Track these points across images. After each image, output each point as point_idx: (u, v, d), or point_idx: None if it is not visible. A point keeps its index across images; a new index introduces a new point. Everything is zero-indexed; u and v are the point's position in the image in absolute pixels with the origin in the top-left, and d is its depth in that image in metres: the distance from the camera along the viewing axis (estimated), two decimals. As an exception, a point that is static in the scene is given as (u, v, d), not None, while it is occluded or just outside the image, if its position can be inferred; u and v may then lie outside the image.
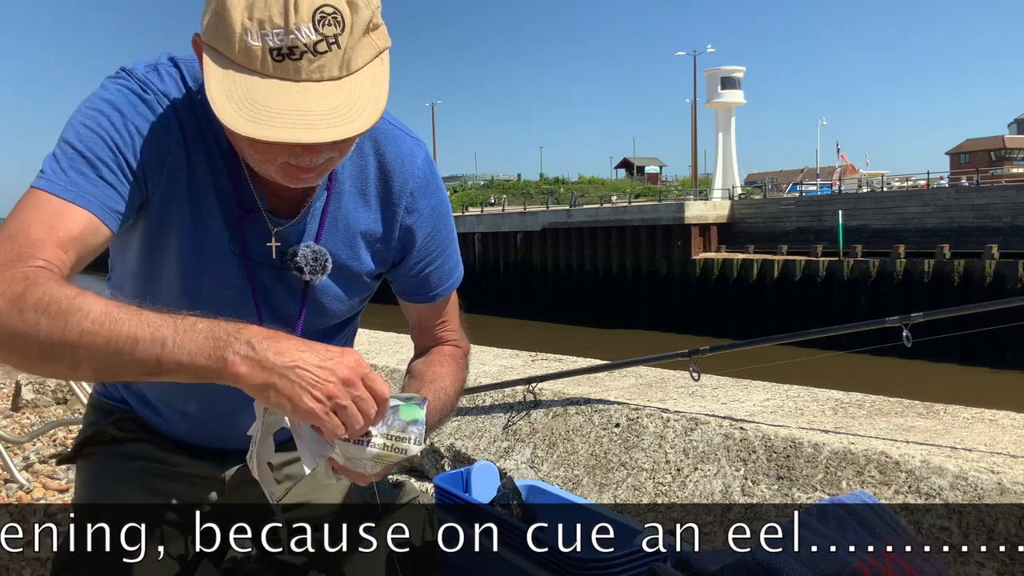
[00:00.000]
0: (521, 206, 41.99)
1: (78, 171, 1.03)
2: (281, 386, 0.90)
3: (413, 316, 1.38)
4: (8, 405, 4.18)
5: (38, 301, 0.90)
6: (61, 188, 1.01)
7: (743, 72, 50.14)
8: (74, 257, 1.00)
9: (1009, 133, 64.20)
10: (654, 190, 55.82)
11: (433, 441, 2.53)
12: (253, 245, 1.18)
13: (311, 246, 1.18)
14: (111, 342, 0.89)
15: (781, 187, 45.84)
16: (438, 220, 1.30)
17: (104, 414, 1.38)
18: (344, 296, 1.27)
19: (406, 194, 1.25)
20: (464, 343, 1.42)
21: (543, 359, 3.18)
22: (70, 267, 0.99)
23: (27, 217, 0.99)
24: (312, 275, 1.19)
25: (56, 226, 0.99)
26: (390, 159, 1.24)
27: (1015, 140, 61.04)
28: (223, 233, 1.16)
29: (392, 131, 1.25)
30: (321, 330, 1.30)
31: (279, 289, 1.22)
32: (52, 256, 0.97)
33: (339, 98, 0.97)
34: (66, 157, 1.03)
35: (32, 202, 1.01)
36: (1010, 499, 1.51)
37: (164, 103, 1.10)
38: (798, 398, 2.31)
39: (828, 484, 1.73)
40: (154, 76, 1.12)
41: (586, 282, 30.84)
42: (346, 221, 1.22)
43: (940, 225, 24.52)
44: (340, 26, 0.96)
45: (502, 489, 1.50)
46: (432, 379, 1.27)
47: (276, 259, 1.18)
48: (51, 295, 0.90)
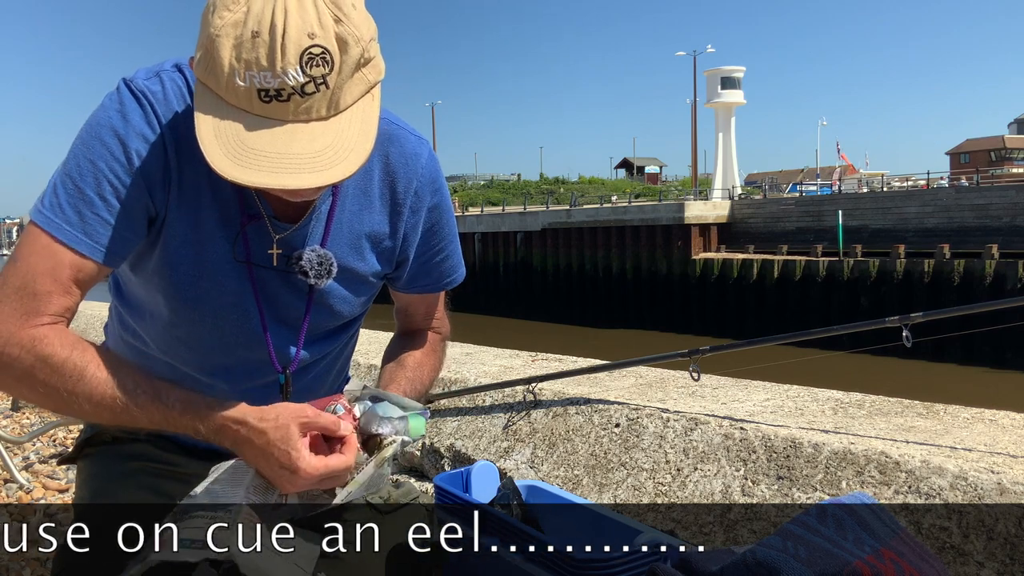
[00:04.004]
0: (521, 206, 41.97)
1: (76, 210, 1.06)
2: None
3: (402, 300, 1.41)
4: (8, 405, 4.18)
5: (48, 378, 1.03)
6: (64, 232, 1.06)
7: (743, 72, 50.16)
8: (77, 296, 1.09)
9: (1009, 133, 64.20)
10: (654, 190, 55.82)
11: (433, 441, 2.54)
12: (257, 251, 1.18)
13: (316, 250, 1.19)
14: (114, 420, 1.06)
15: (781, 187, 45.83)
16: (441, 217, 1.32)
17: (104, 414, 1.38)
18: (350, 297, 1.28)
19: (411, 194, 1.26)
20: (445, 327, 1.46)
21: (543, 359, 3.18)
22: (76, 304, 1.09)
23: (31, 267, 1.06)
24: (317, 279, 1.19)
25: (59, 276, 1.06)
26: (394, 161, 1.25)
27: (1015, 140, 61.04)
28: (227, 239, 1.16)
29: (395, 131, 1.25)
30: (326, 332, 1.31)
31: (284, 293, 1.22)
32: (58, 307, 1.06)
33: (326, 140, 0.98)
34: (66, 192, 1.07)
35: (35, 248, 1.06)
36: (1010, 499, 1.51)
37: (164, 112, 1.11)
38: (798, 398, 2.31)
39: (828, 484, 1.73)
40: (155, 84, 1.12)
41: (586, 282, 30.84)
42: (350, 224, 1.23)
43: (940, 225, 24.53)
44: (329, 66, 0.96)
45: (502, 489, 1.50)
46: (415, 367, 1.35)
47: (280, 264, 1.19)
48: (58, 376, 1.03)
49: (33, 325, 1.03)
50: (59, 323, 1.06)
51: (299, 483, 1.05)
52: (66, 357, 1.03)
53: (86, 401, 1.03)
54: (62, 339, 1.04)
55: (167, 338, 1.24)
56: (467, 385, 2.67)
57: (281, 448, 1.04)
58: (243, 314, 1.21)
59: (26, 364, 1.02)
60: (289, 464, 1.04)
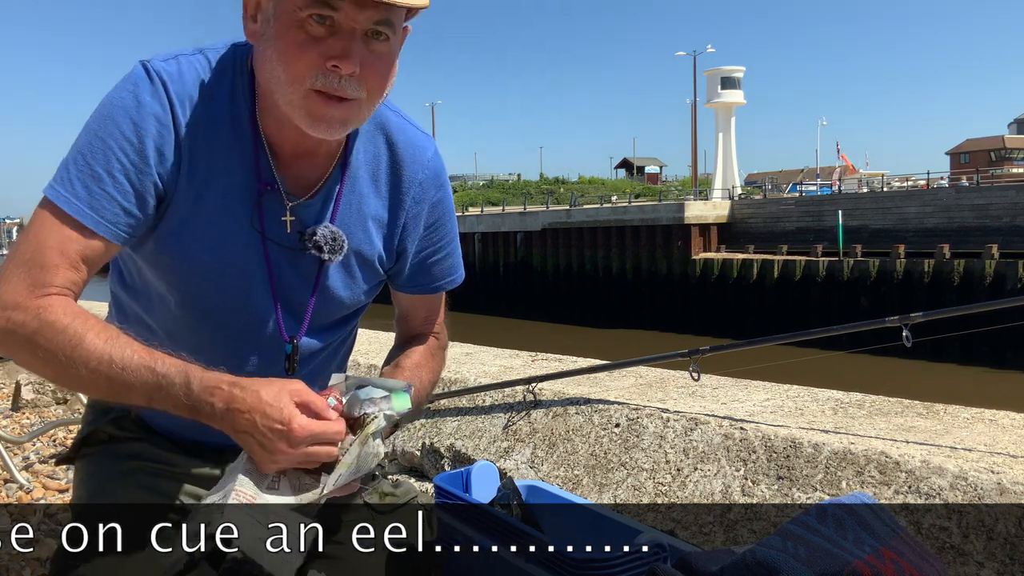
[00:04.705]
0: (521, 206, 41.96)
1: (85, 186, 1.10)
2: (246, 447, 1.05)
3: (403, 305, 1.43)
4: (8, 405, 4.18)
5: (49, 343, 1.05)
6: (72, 206, 1.09)
7: (743, 72, 50.16)
8: (86, 272, 1.12)
9: (1009, 133, 64.18)
10: (654, 190, 55.82)
11: (433, 441, 2.53)
12: (271, 223, 1.21)
13: (329, 227, 1.22)
14: (109, 389, 1.06)
15: (781, 187, 45.82)
16: (443, 213, 1.35)
17: (102, 414, 1.38)
18: (355, 281, 1.30)
19: (415, 184, 1.29)
20: (444, 336, 1.48)
21: (543, 359, 3.18)
22: (83, 281, 1.12)
23: (41, 241, 1.09)
24: (331, 254, 1.22)
25: (66, 250, 1.09)
26: (401, 149, 1.28)
27: (1015, 140, 61.02)
28: (242, 210, 1.19)
29: (403, 124, 1.30)
30: (327, 325, 1.32)
31: (292, 275, 1.24)
32: (64, 279, 1.09)
33: None
34: (76, 168, 1.10)
35: (45, 222, 1.10)
36: (1010, 499, 1.51)
37: (179, 92, 1.14)
38: (798, 398, 2.31)
39: (828, 484, 1.73)
40: (171, 66, 1.15)
41: (586, 282, 30.83)
42: (359, 205, 1.26)
43: (940, 225, 24.53)
44: None
45: (502, 489, 1.50)
46: (412, 368, 1.35)
47: (292, 236, 1.22)
48: (59, 341, 1.05)
49: (40, 295, 1.07)
50: (66, 295, 1.09)
51: (292, 442, 1.03)
52: (68, 324, 1.06)
53: (83, 365, 1.04)
54: (66, 308, 1.07)
55: (173, 320, 1.25)
56: (467, 385, 2.66)
57: (274, 406, 1.03)
58: (252, 286, 1.23)
59: (30, 329, 1.05)
60: (282, 419, 1.02)
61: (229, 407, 1.03)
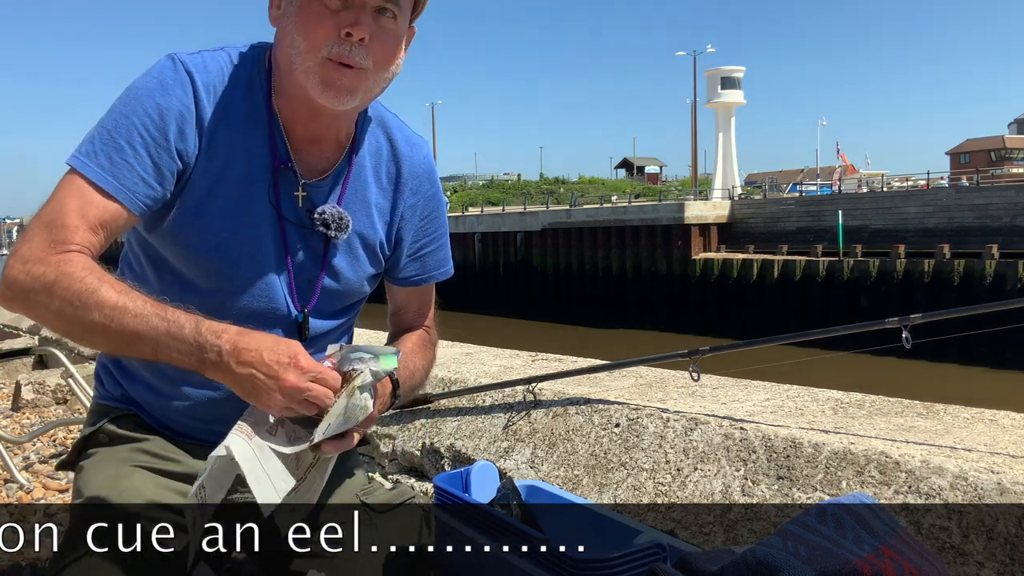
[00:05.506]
0: (521, 206, 41.95)
1: (107, 156, 1.18)
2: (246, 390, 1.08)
3: (397, 300, 1.52)
4: (8, 405, 4.18)
5: (65, 291, 1.09)
6: (95, 173, 1.17)
7: (743, 72, 50.15)
8: (103, 237, 1.18)
9: (1009, 133, 64.19)
10: (654, 190, 55.80)
11: (433, 441, 2.54)
12: (284, 202, 1.30)
13: (335, 207, 1.32)
14: (119, 335, 1.09)
15: (781, 187, 45.81)
16: (437, 207, 1.47)
17: (103, 416, 1.38)
18: (359, 264, 1.38)
19: (412, 178, 1.41)
20: (434, 333, 1.58)
21: (543, 359, 3.17)
22: (100, 245, 1.17)
23: (62, 204, 1.16)
24: (337, 232, 1.31)
25: (87, 214, 1.15)
26: (400, 145, 1.41)
27: (1015, 140, 61.04)
28: (259, 186, 1.27)
29: (401, 125, 1.43)
30: (331, 312, 1.39)
31: (302, 249, 1.32)
32: (84, 240, 1.14)
33: None
34: (100, 140, 1.18)
35: (68, 187, 1.17)
36: (1010, 499, 1.51)
37: (204, 79, 1.24)
38: (798, 398, 2.31)
39: (828, 484, 1.73)
40: (197, 58, 1.26)
41: (586, 282, 30.82)
42: (363, 192, 1.37)
43: (940, 225, 24.53)
44: None
45: (502, 489, 1.50)
46: (407, 353, 1.40)
47: (302, 213, 1.30)
48: (76, 289, 1.09)
49: (60, 251, 1.12)
50: (84, 252, 1.14)
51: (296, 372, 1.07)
52: (85, 275, 1.11)
53: (96, 311, 1.09)
54: (84, 263, 1.13)
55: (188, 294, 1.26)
56: (467, 385, 2.66)
57: (280, 342, 1.10)
58: (265, 258, 1.29)
59: (49, 280, 1.10)
60: (289, 352, 1.08)
61: (236, 346, 1.08)
